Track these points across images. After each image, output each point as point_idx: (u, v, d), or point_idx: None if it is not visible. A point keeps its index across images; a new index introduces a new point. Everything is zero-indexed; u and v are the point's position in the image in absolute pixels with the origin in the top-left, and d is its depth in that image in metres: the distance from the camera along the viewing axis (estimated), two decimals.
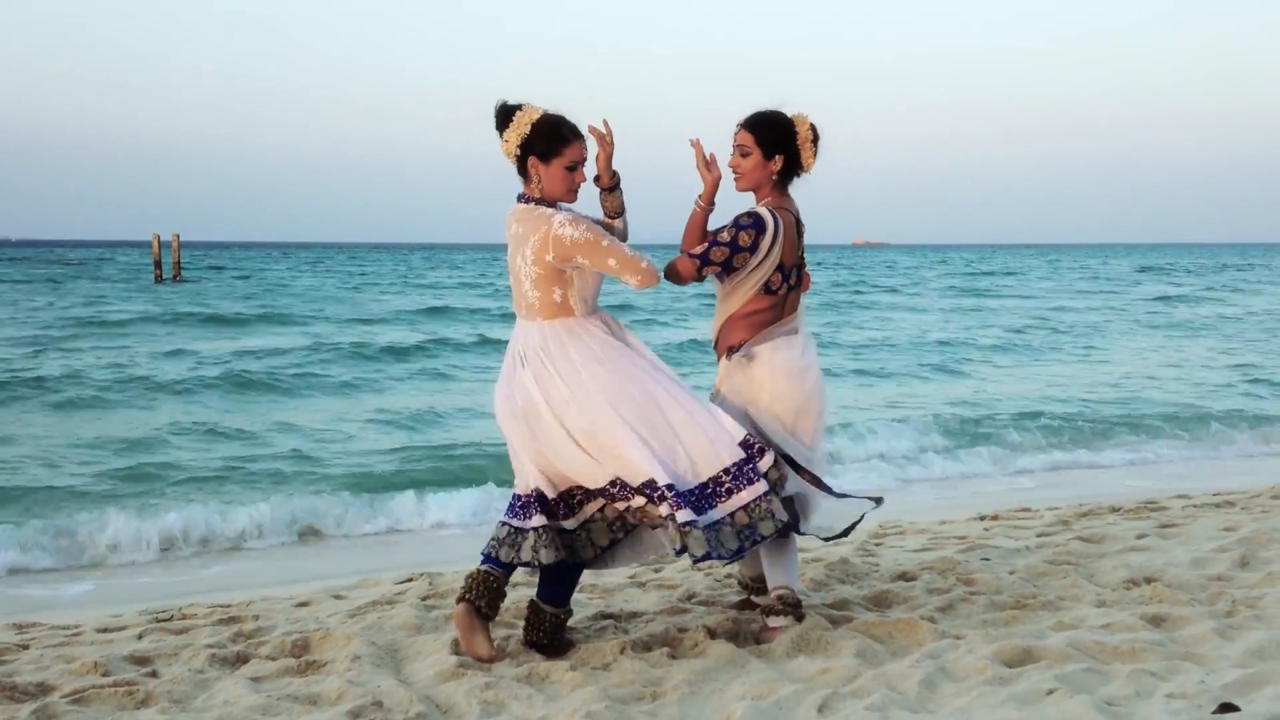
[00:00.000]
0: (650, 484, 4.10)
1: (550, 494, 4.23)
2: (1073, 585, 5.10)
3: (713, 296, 4.61)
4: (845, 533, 4.54)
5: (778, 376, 4.42)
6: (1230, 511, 7.14)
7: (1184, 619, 4.57)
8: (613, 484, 4.19)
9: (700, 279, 4.41)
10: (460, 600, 4.28)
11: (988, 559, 5.72)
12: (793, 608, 4.48)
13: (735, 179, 4.51)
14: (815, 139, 4.50)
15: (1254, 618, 4.58)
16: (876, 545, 6.38)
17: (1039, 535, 6.48)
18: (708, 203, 4.50)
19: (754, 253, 4.36)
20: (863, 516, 4.53)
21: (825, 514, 4.48)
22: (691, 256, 4.36)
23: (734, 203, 4.55)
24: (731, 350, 4.47)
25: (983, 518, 7.44)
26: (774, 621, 4.48)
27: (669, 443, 4.17)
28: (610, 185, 4.40)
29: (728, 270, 4.39)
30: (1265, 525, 6.38)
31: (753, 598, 4.82)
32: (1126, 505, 7.60)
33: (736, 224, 4.38)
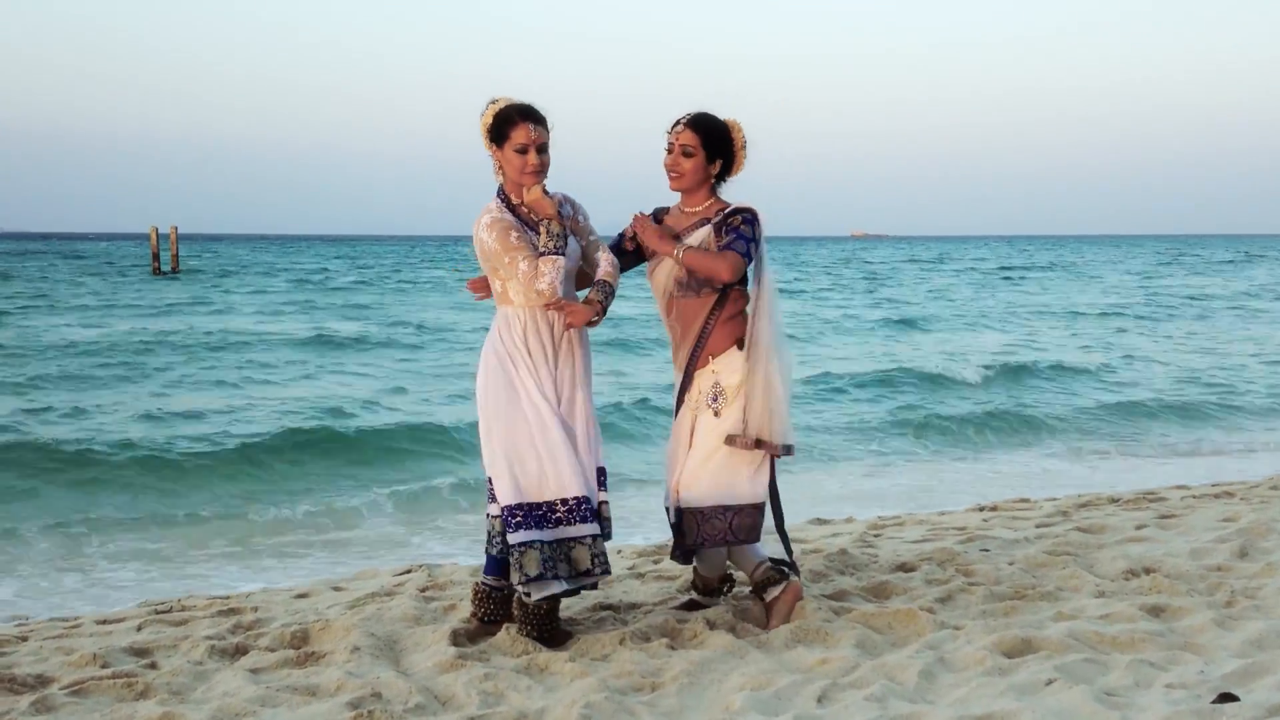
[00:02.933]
0: (508, 509, 4.20)
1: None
2: (1072, 576, 5.10)
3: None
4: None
5: (788, 366, 4.49)
6: (1229, 502, 7.14)
7: (1183, 609, 4.57)
8: (490, 482, 4.32)
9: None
10: (471, 617, 4.55)
11: (987, 550, 5.72)
12: (783, 575, 4.54)
13: (673, 178, 4.47)
14: (744, 146, 4.53)
15: (1253, 608, 4.59)
16: (875, 536, 6.38)
17: (1038, 526, 6.48)
18: (679, 244, 4.44)
19: (758, 245, 4.44)
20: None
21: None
22: (742, 256, 4.35)
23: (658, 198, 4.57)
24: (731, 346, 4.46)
25: (981, 509, 7.44)
26: (772, 592, 4.52)
27: (523, 456, 4.21)
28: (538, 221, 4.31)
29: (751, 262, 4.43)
30: (1264, 516, 6.37)
31: (698, 597, 4.77)
32: (1125, 496, 7.60)
33: (747, 220, 4.42)
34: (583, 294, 4.42)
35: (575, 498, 4.21)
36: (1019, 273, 54.20)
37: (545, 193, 4.29)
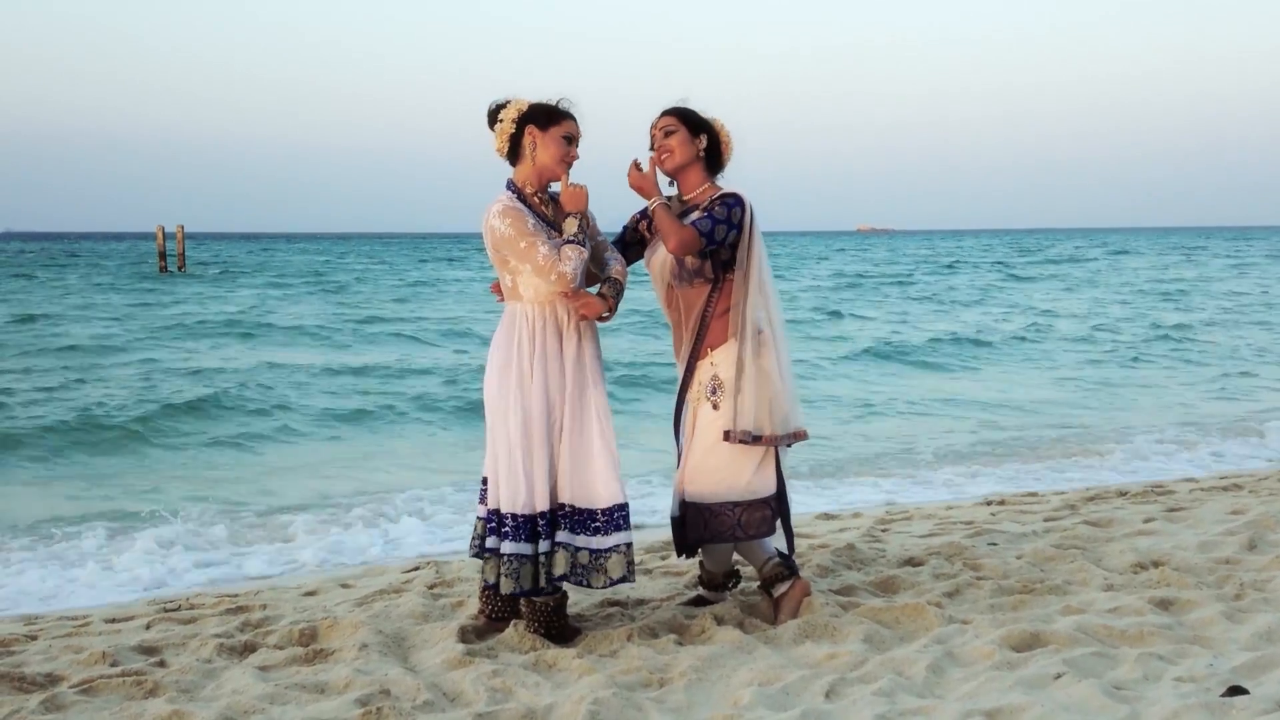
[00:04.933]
0: (492, 513, 4.28)
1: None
2: (1080, 569, 5.09)
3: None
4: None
5: (785, 353, 4.48)
6: (1238, 495, 7.13)
7: (1192, 602, 4.57)
8: (484, 482, 4.40)
9: (698, 254, 4.39)
10: (479, 614, 4.56)
11: (994, 544, 5.72)
12: (791, 570, 4.56)
13: (663, 158, 4.50)
14: (726, 133, 4.56)
15: (1262, 601, 4.58)
16: (883, 531, 6.37)
17: (1046, 520, 6.47)
18: (660, 195, 4.44)
19: (741, 232, 4.40)
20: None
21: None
22: (699, 234, 4.32)
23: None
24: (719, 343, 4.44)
25: (989, 503, 7.44)
26: (780, 587, 4.53)
27: (514, 465, 4.20)
28: (565, 214, 4.33)
29: (721, 246, 4.38)
30: (1273, 508, 6.36)
31: (705, 593, 4.78)
32: (1133, 489, 7.59)
33: (725, 204, 4.40)
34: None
35: (543, 511, 4.23)
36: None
37: None
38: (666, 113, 4.53)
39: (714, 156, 4.55)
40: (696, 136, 4.49)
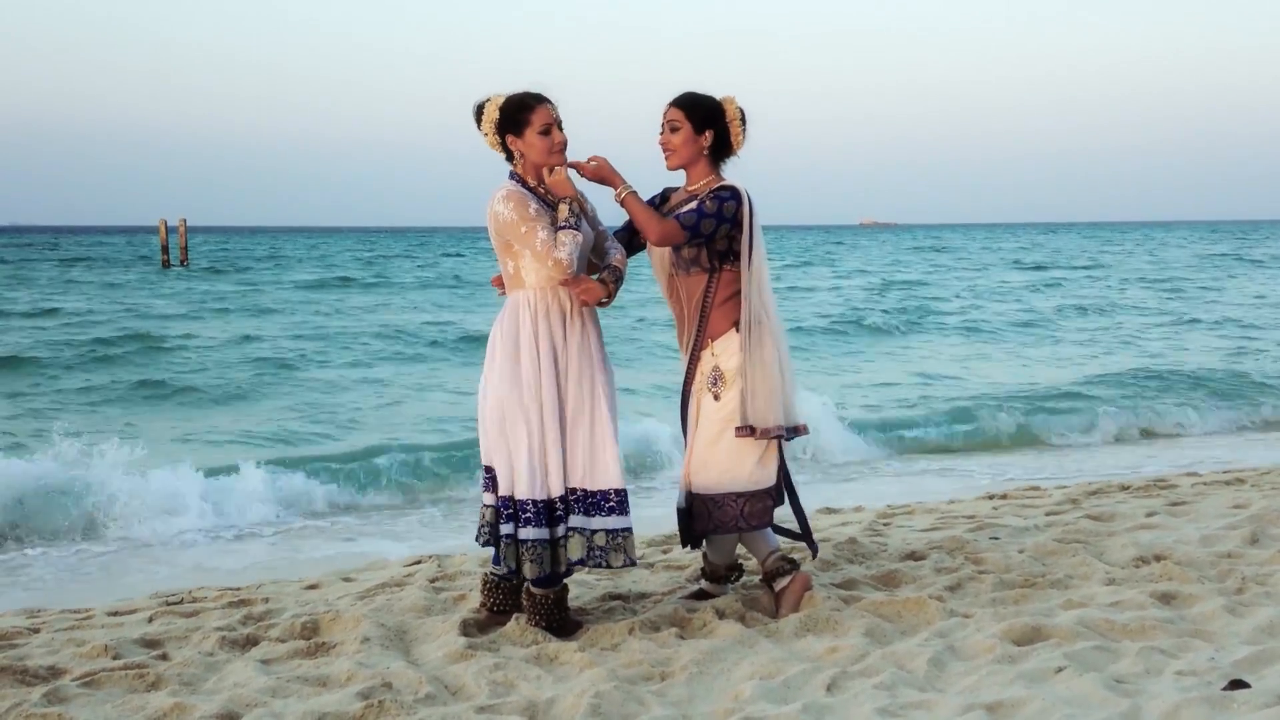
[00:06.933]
0: (505, 500, 4.25)
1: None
2: (1082, 563, 5.09)
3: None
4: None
5: (784, 346, 4.47)
6: (1240, 489, 7.13)
7: (1194, 596, 4.57)
8: (488, 470, 4.35)
9: (691, 244, 4.40)
10: (481, 608, 4.55)
11: (996, 538, 5.71)
12: (793, 564, 4.57)
13: (666, 156, 4.50)
14: (743, 119, 4.51)
15: (1264, 595, 4.58)
16: (885, 525, 6.38)
17: (1048, 514, 6.47)
18: (625, 184, 4.40)
19: (737, 225, 4.39)
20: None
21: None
22: (683, 227, 4.32)
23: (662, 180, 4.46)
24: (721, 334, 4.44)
25: (991, 497, 7.43)
26: (781, 581, 4.54)
27: (522, 451, 4.20)
28: (557, 200, 4.32)
29: (709, 241, 4.38)
30: (1275, 502, 6.36)
31: (706, 586, 4.77)
32: (1135, 483, 7.59)
33: (717, 197, 4.38)
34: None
35: (561, 495, 4.24)
36: None
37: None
38: (673, 104, 4.49)
39: (722, 146, 4.51)
40: (701, 133, 4.46)
